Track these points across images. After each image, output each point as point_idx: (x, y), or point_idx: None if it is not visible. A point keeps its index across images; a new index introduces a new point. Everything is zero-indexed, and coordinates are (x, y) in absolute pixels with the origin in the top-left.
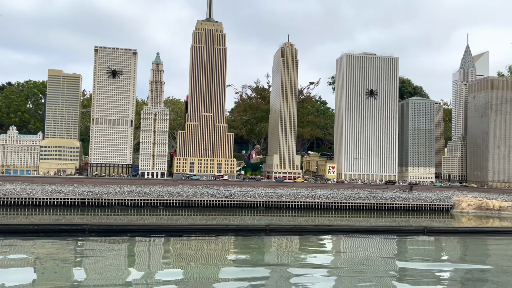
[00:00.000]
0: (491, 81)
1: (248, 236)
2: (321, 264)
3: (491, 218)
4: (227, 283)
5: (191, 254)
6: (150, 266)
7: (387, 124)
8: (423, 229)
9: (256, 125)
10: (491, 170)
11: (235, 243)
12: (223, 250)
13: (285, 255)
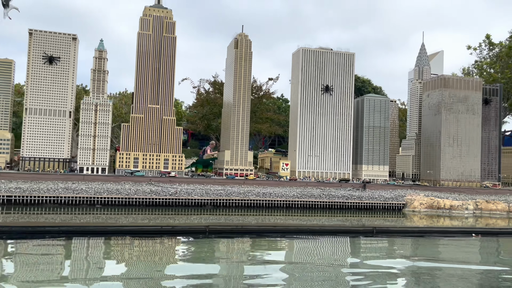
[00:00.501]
0: (445, 79)
1: (185, 238)
2: (255, 275)
3: (442, 217)
4: None
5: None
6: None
7: (342, 121)
8: (372, 229)
9: (214, 120)
10: (443, 169)
11: (164, 248)
12: (141, 258)
13: (222, 262)
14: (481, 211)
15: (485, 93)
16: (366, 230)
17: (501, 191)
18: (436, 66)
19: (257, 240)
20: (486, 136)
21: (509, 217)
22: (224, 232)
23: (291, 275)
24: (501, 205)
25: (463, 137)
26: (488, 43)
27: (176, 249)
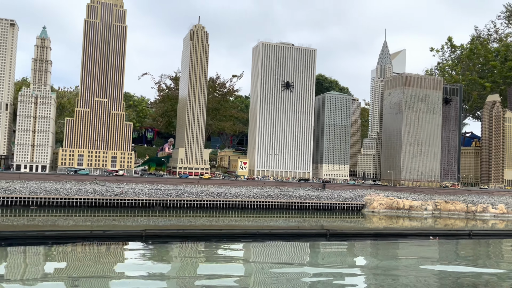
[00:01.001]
0: (406, 77)
1: (117, 243)
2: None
3: (402, 218)
4: None
5: None
6: None
7: (303, 119)
8: (325, 232)
9: (175, 117)
10: (403, 168)
11: (89, 256)
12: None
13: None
14: (440, 211)
15: (446, 93)
16: (319, 233)
17: (460, 191)
18: (398, 65)
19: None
20: (446, 136)
21: (467, 218)
22: (162, 237)
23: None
24: (459, 205)
25: (424, 137)
26: (450, 46)
27: (104, 257)
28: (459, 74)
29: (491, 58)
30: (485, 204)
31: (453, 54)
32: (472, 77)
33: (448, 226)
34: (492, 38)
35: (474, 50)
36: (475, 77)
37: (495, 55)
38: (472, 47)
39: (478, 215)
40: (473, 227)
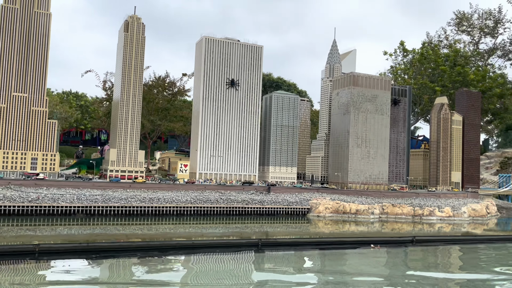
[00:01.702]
0: (354, 77)
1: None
2: None
3: (348, 223)
4: None
5: None
6: None
7: (249, 119)
8: (257, 242)
9: None
10: (351, 171)
11: None
12: None
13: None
14: (387, 215)
15: (394, 94)
16: (250, 243)
17: (408, 194)
18: (348, 66)
19: (104, 261)
20: (394, 138)
21: (414, 222)
22: (60, 252)
23: None
24: (406, 208)
25: (372, 138)
26: (402, 50)
27: None
28: (411, 78)
29: (441, 63)
30: (431, 208)
31: (405, 58)
32: (423, 81)
33: (395, 231)
34: (443, 44)
35: (425, 55)
36: (426, 81)
37: (444, 60)
38: (423, 51)
39: (425, 218)
40: (418, 232)
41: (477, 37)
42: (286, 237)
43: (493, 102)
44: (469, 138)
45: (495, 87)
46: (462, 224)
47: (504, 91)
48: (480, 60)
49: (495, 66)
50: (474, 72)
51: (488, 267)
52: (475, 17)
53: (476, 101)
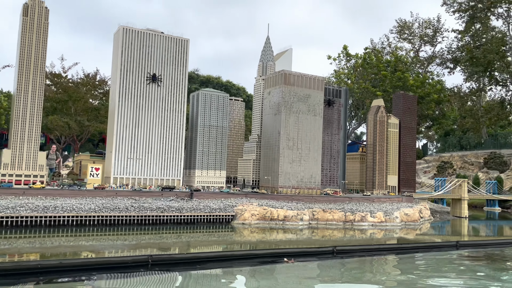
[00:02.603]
0: (285, 75)
1: None
2: None
3: (275, 230)
4: None
5: None
6: None
7: (173, 118)
8: (146, 258)
9: (46, 118)
10: (281, 174)
11: None
12: None
13: None
14: (318, 221)
15: (329, 94)
16: (140, 261)
17: (341, 199)
18: (284, 65)
19: None
20: (328, 140)
21: (345, 228)
22: None
23: None
24: (337, 214)
25: (304, 140)
26: (345, 54)
27: None
28: (353, 82)
29: (382, 68)
30: (363, 213)
31: (349, 63)
32: (365, 86)
33: (325, 238)
34: (386, 51)
35: (367, 60)
36: (368, 85)
37: (386, 66)
38: (365, 56)
39: (356, 224)
40: (349, 240)
41: (417, 45)
42: (184, 252)
43: (431, 108)
44: (406, 141)
45: (433, 93)
46: (394, 230)
47: (442, 97)
48: (420, 68)
49: (433, 73)
50: (414, 78)
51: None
52: (415, 25)
53: (412, 104)
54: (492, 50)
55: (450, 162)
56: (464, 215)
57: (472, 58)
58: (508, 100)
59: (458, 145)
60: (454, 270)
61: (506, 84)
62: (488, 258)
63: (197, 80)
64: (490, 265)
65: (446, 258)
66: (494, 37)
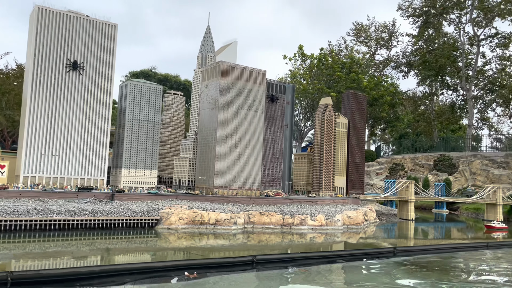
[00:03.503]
0: (223, 67)
1: None
2: None
3: (206, 235)
4: None
5: None
6: None
7: (96, 111)
8: (5, 277)
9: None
10: (217, 174)
11: None
12: None
13: None
14: (254, 225)
15: (272, 89)
16: None
17: (282, 200)
18: (228, 58)
19: None
20: (271, 138)
21: (283, 232)
22: None
23: None
24: (275, 217)
25: (243, 137)
26: (301, 54)
27: None
28: (308, 83)
29: (337, 69)
30: (303, 216)
31: (304, 63)
32: (320, 86)
33: (262, 243)
34: (343, 54)
35: (322, 60)
36: (323, 86)
37: (341, 67)
38: (320, 57)
39: (295, 228)
40: (278, 245)
41: (373, 48)
42: (58, 267)
43: (385, 110)
44: (354, 141)
45: (386, 95)
46: (335, 234)
47: (396, 100)
48: (376, 71)
49: (388, 77)
50: (368, 80)
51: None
52: (372, 29)
53: (362, 104)
54: (444, 55)
55: (401, 164)
56: (411, 217)
57: (424, 62)
58: (459, 104)
59: (412, 148)
60: (385, 281)
61: (456, 88)
62: (425, 266)
63: (154, 78)
64: (426, 275)
65: (381, 267)
66: (446, 43)
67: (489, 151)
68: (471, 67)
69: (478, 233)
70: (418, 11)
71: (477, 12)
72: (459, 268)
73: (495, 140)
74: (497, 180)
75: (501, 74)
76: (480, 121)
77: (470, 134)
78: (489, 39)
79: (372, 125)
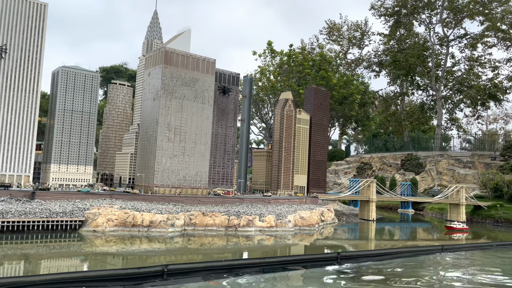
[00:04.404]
0: (167, 53)
1: None
2: None
3: (138, 239)
4: None
5: None
6: None
7: (21, 99)
8: None
9: None
10: (158, 171)
11: None
12: None
13: None
14: (195, 227)
15: (224, 81)
16: None
17: (230, 200)
18: (180, 47)
19: None
20: (222, 133)
21: (228, 234)
22: None
23: None
24: (220, 218)
25: (189, 131)
26: (270, 51)
27: None
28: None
29: (307, 66)
30: (251, 217)
31: (274, 59)
32: (289, 83)
33: (204, 246)
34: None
35: (293, 57)
36: (292, 83)
37: (311, 65)
38: (290, 53)
39: (241, 230)
40: (223, 248)
41: (346, 47)
42: None
43: (354, 109)
44: (317, 138)
45: (356, 94)
46: (285, 236)
47: (366, 99)
48: (348, 70)
49: (359, 75)
50: (338, 78)
51: None
52: (344, 28)
53: (325, 100)
54: (414, 54)
55: (369, 164)
56: (372, 217)
57: (395, 61)
58: (428, 104)
59: (384, 148)
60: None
61: (426, 89)
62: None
63: (125, 74)
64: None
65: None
66: (417, 43)
67: (456, 151)
68: (441, 68)
69: (438, 234)
70: (390, 10)
71: (446, 13)
72: (406, 275)
73: (464, 141)
74: (463, 180)
75: (469, 75)
76: (449, 122)
77: (439, 134)
78: (458, 40)
79: (343, 124)
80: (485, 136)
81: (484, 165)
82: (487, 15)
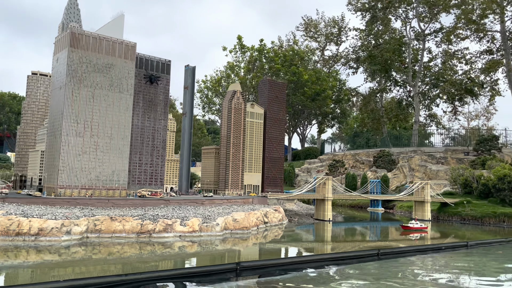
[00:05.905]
0: (74, 35)
1: None
2: None
3: (24, 250)
4: None
5: None
6: None
7: None
8: None
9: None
10: (63, 170)
11: None
12: None
13: None
14: (100, 233)
15: (151, 68)
16: None
17: (153, 202)
18: (112, 34)
19: None
20: (150, 126)
21: (141, 241)
22: None
23: None
24: (131, 223)
25: (103, 125)
26: (240, 46)
27: None
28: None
29: (277, 62)
30: (171, 220)
31: (244, 55)
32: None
33: (114, 256)
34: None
35: (264, 53)
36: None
37: (283, 60)
38: (260, 48)
39: (156, 236)
40: (137, 257)
41: (323, 43)
42: None
43: (328, 105)
44: (272, 134)
45: (328, 89)
46: (212, 241)
47: (342, 96)
48: (325, 67)
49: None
50: (309, 74)
51: None
52: (322, 24)
53: (281, 92)
54: (389, 49)
55: (341, 161)
56: (328, 217)
57: (370, 56)
58: (406, 100)
59: (365, 145)
60: None
61: (404, 84)
62: None
63: None
64: None
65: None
66: (393, 37)
67: (430, 147)
68: (418, 63)
69: (393, 234)
70: (366, 5)
71: (422, 7)
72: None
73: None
74: (435, 176)
75: (446, 69)
76: (427, 118)
77: (417, 130)
78: (434, 34)
79: (321, 121)
80: (467, 132)
81: (457, 161)
82: (460, 7)
